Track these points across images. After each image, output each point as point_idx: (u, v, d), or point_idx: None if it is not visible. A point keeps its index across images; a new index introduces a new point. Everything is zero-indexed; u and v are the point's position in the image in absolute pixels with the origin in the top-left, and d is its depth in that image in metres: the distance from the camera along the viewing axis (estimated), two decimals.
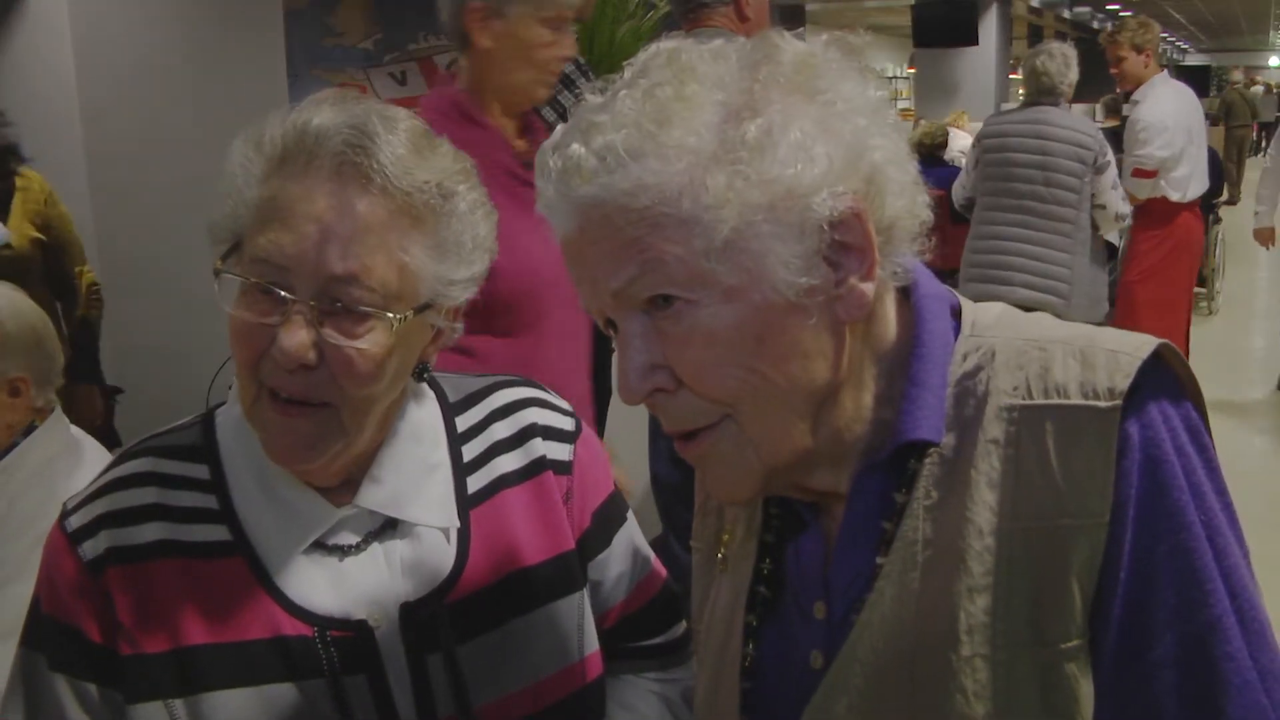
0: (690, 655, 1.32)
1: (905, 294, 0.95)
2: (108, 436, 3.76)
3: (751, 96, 0.85)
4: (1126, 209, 4.79)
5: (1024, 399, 0.88)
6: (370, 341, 1.02)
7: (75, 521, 1.10)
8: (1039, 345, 0.90)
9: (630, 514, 1.32)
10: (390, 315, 1.03)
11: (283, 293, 1.01)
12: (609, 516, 1.28)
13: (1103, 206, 4.63)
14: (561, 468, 1.24)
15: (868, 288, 0.87)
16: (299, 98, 1.12)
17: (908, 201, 0.90)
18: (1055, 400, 0.86)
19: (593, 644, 1.22)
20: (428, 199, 1.05)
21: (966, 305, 0.97)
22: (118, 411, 4.01)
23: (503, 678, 1.15)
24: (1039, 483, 0.85)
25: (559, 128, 0.90)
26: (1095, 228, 4.71)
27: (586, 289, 0.90)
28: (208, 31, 4.39)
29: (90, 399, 3.73)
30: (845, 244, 0.86)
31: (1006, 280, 4.45)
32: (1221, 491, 0.87)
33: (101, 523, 1.09)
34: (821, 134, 0.84)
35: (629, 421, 3.62)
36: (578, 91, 0.92)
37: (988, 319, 0.96)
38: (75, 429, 2.10)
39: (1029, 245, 4.43)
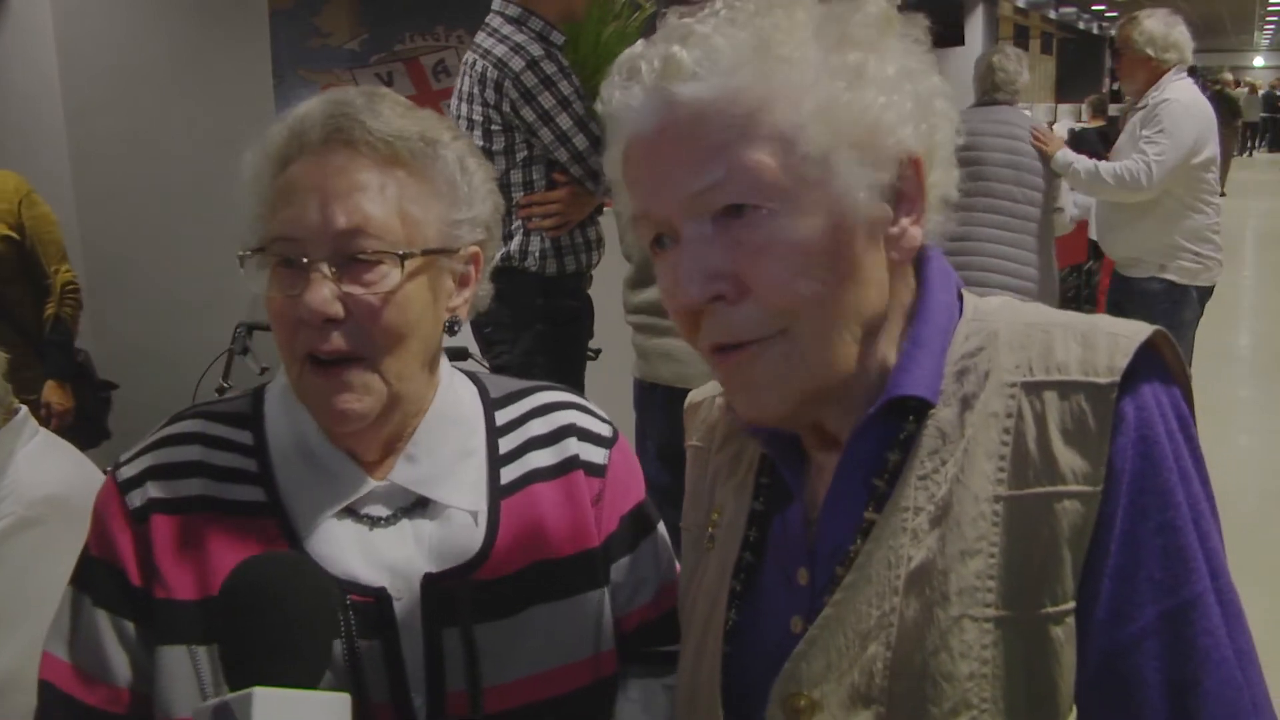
0: None
1: (916, 265, 0.99)
2: (90, 432, 3.80)
3: (849, 35, 0.90)
4: (1076, 211, 5.01)
5: (1026, 376, 0.91)
6: (387, 284, 1.10)
7: (125, 472, 1.18)
8: (1042, 328, 0.94)
9: (660, 525, 1.35)
10: (399, 253, 1.10)
11: (302, 259, 1.09)
12: (637, 523, 1.31)
13: (1060, 209, 4.79)
14: (594, 469, 1.28)
15: (917, 232, 0.93)
16: (285, 98, 1.15)
17: (945, 172, 0.96)
18: (1057, 377, 0.90)
19: (609, 642, 1.25)
20: (412, 145, 1.13)
21: (967, 293, 1.01)
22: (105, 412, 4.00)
23: (515, 661, 1.17)
24: (1036, 452, 0.89)
25: (639, 41, 0.93)
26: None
27: (650, 191, 0.92)
28: (192, 31, 4.37)
29: (59, 394, 3.78)
30: (901, 189, 0.91)
31: (983, 281, 4.47)
32: (1205, 480, 0.90)
33: (148, 474, 1.17)
34: (907, 79, 0.90)
35: (616, 422, 3.62)
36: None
37: (990, 306, 1.00)
38: (44, 431, 2.08)
39: (1005, 246, 4.46)
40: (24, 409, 2.06)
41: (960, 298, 1.00)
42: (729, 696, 1.01)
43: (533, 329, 3.23)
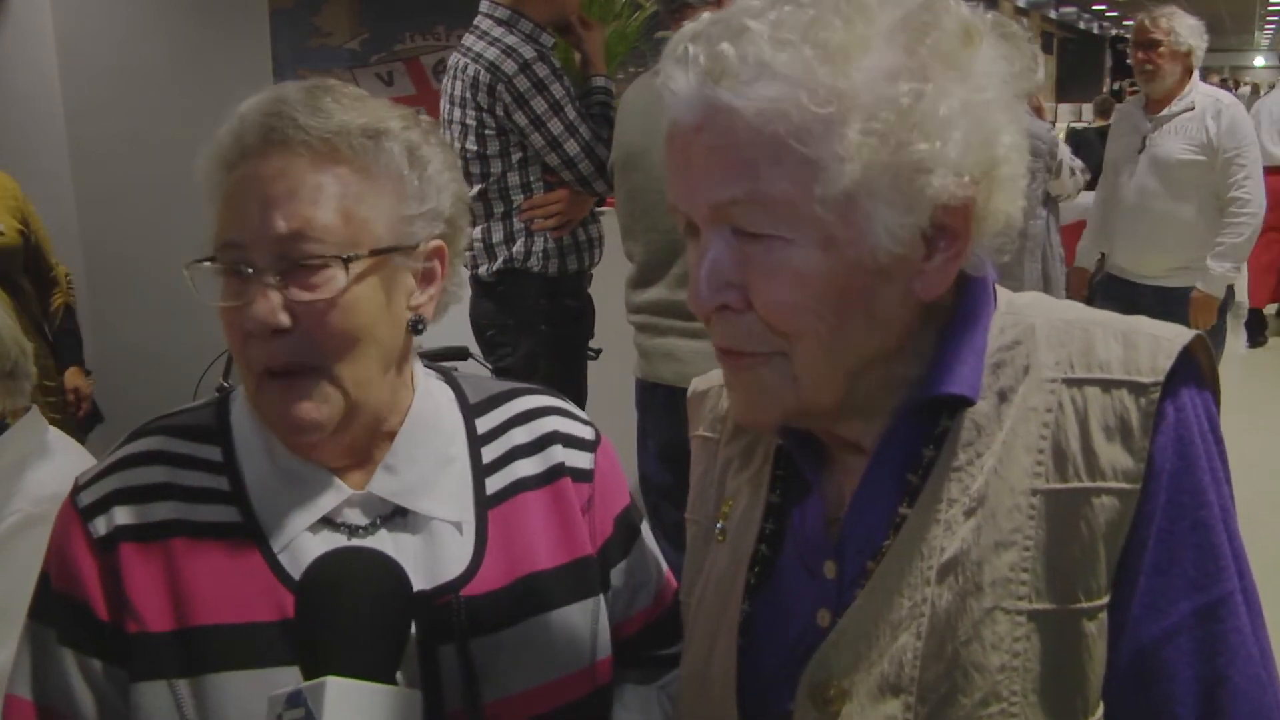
0: None
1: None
2: (96, 414, 3.93)
3: (913, 58, 0.85)
4: (1083, 176, 4.84)
5: (1067, 372, 0.91)
6: (332, 288, 1.05)
7: (86, 498, 1.11)
8: (1081, 326, 0.93)
9: (644, 525, 1.33)
10: (343, 256, 1.05)
11: (247, 269, 1.05)
12: (629, 525, 1.29)
13: (1072, 173, 4.66)
14: (581, 475, 1.25)
15: (951, 270, 0.90)
16: None
17: (1008, 201, 0.92)
18: (1099, 374, 0.90)
19: (606, 650, 1.22)
20: (352, 141, 1.08)
21: (999, 287, 1.01)
22: (104, 412, 4.00)
23: (512, 676, 1.14)
24: (1076, 448, 0.89)
25: (706, 15, 0.90)
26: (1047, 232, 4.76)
27: (683, 188, 0.90)
28: (192, 31, 4.37)
29: (83, 379, 3.85)
30: (946, 227, 0.88)
31: None
32: (1229, 481, 0.91)
33: (112, 499, 1.10)
34: (964, 118, 0.85)
35: (616, 423, 3.60)
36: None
37: (1023, 300, 1.00)
38: (54, 430, 2.08)
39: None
40: (34, 407, 2.06)
41: (994, 291, 1.00)
42: (741, 687, 1.01)
43: (535, 331, 3.23)
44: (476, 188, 3.18)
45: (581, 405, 3.36)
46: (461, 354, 3.53)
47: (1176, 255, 4.33)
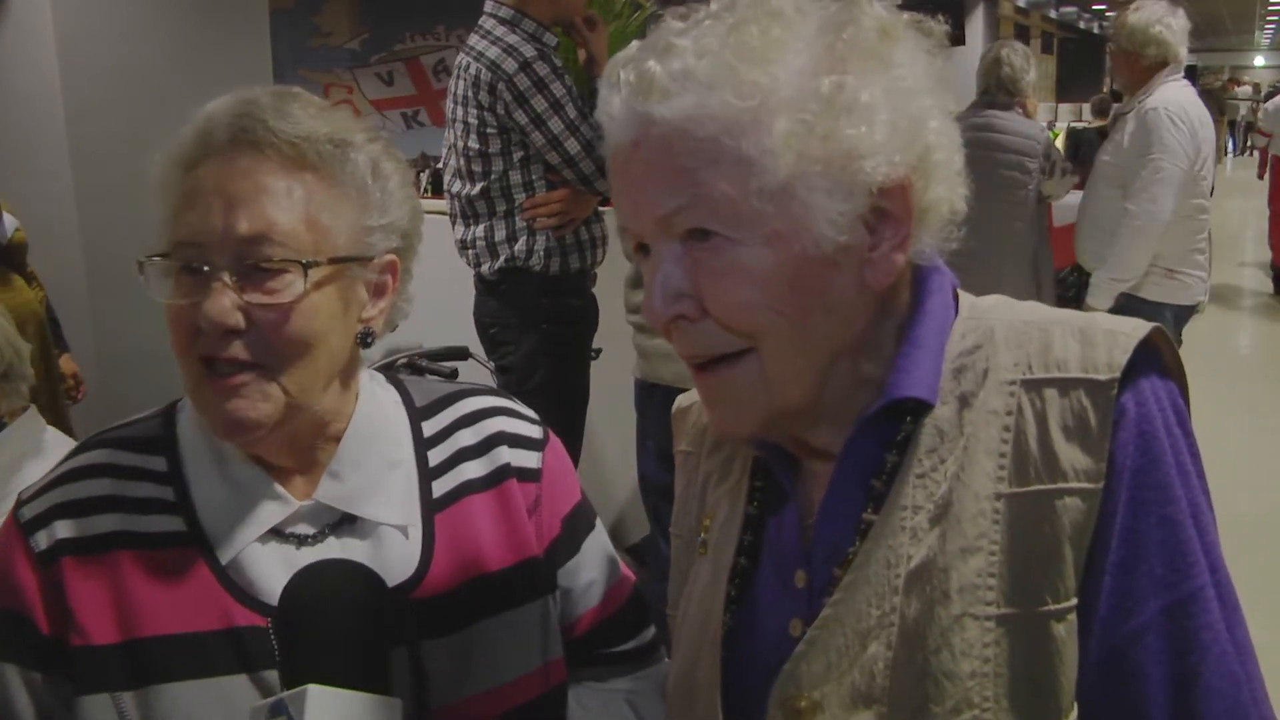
0: (659, 657, 1.33)
1: (912, 269, 0.98)
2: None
3: (832, 53, 0.88)
4: (1072, 177, 4.75)
5: (1025, 374, 0.91)
6: (291, 293, 1.04)
7: (28, 512, 1.11)
8: (1039, 326, 0.94)
9: (598, 521, 1.32)
10: (303, 262, 1.05)
11: (202, 267, 1.04)
12: (578, 524, 1.28)
13: (1064, 173, 4.60)
14: (527, 475, 1.24)
15: (898, 258, 0.91)
16: None
17: (948, 189, 0.93)
18: (1056, 374, 0.90)
19: (557, 650, 1.22)
20: (320, 148, 1.08)
21: (962, 291, 1.01)
22: (103, 414, 4.01)
23: (463, 679, 1.14)
24: (1037, 449, 0.89)
25: (635, 42, 0.93)
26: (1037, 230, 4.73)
27: (628, 206, 0.92)
28: (192, 31, 4.37)
29: (73, 364, 3.92)
30: (886, 212, 0.90)
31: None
32: (1201, 475, 0.90)
33: (54, 513, 1.10)
34: (888, 104, 0.88)
35: (616, 422, 3.61)
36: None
37: (985, 303, 1.00)
38: (51, 430, 2.09)
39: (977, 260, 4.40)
40: (32, 407, 2.07)
41: (955, 296, 1.00)
42: (726, 701, 1.01)
43: (538, 329, 3.24)
44: (479, 186, 3.19)
45: (585, 404, 3.38)
46: (462, 354, 3.53)
47: (1102, 260, 4.16)
